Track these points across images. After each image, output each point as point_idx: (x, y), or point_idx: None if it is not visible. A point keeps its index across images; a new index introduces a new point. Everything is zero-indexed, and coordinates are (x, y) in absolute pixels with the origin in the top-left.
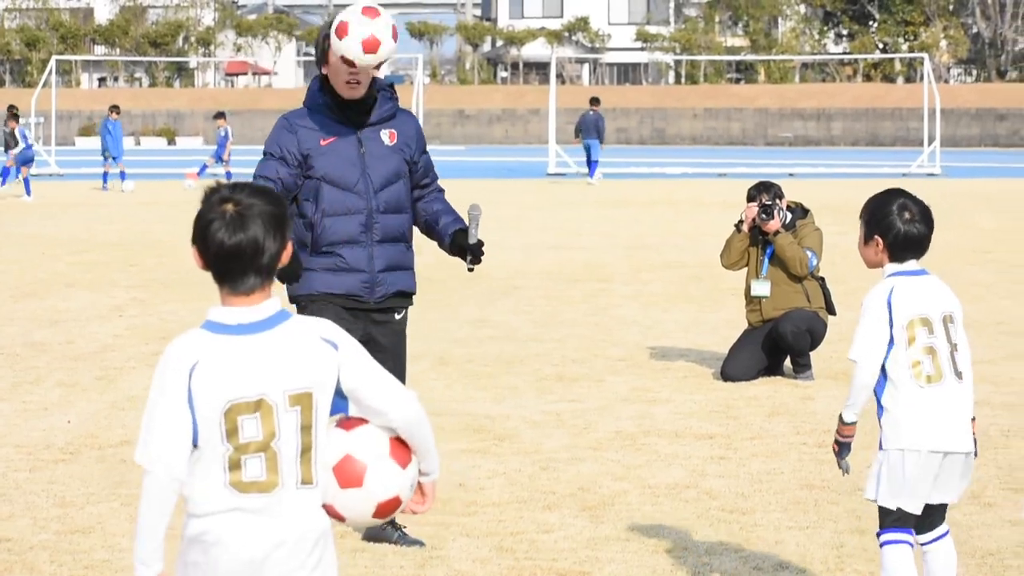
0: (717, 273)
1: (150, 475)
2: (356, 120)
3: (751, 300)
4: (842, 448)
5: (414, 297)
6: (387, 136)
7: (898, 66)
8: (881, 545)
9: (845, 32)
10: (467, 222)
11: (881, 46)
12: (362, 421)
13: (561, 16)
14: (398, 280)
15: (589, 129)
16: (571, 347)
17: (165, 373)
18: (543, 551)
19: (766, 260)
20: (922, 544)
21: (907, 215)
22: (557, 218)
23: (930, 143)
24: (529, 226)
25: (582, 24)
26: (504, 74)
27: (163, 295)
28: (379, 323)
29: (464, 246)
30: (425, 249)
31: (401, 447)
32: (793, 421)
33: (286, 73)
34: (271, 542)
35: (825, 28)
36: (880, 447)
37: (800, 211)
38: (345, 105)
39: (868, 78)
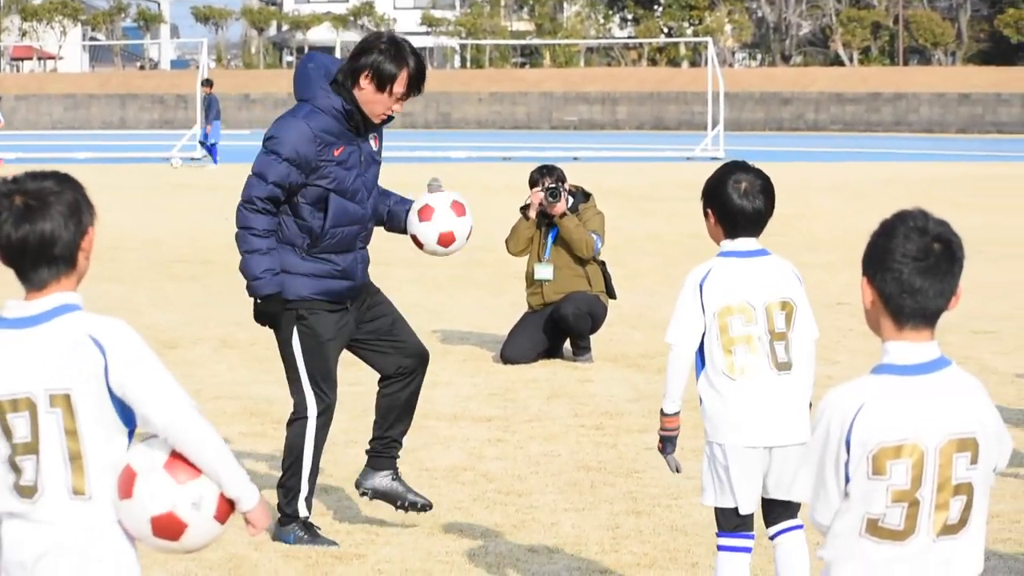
0: (502, 258)
1: None
2: (361, 129)
3: (532, 283)
4: (666, 443)
5: None
6: (372, 141)
7: (683, 50)
8: (717, 548)
9: (630, 16)
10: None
11: (666, 30)
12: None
13: (347, 1)
14: (368, 279)
15: (213, 111)
16: None
17: None
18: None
19: (549, 243)
20: (770, 537)
21: (741, 188)
22: None
23: (714, 127)
24: None
25: (367, 8)
26: (290, 58)
27: None
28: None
29: None
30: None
31: (184, 463)
32: (571, 403)
33: (72, 58)
34: (33, 552)
35: (610, 12)
36: (705, 440)
37: (581, 195)
38: (355, 113)
39: (653, 62)
